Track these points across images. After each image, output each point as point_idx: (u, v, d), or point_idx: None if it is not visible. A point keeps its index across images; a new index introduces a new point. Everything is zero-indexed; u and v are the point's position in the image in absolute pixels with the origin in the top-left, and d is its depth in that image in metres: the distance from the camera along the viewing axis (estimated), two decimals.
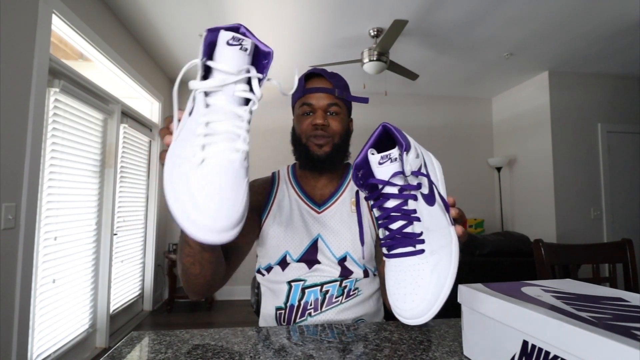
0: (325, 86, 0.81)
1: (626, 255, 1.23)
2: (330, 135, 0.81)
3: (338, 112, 0.82)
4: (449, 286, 0.45)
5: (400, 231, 0.48)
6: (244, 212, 0.40)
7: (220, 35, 0.41)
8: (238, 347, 0.54)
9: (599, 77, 3.41)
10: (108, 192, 2.32)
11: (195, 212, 0.37)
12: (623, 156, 3.39)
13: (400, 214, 0.48)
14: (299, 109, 0.83)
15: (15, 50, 1.45)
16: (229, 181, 0.39)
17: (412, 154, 0.48)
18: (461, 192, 4.06)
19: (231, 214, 0.38)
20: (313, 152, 0.81)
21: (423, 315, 0.44)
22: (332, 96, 0.81)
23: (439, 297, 0.44)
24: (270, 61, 0.43)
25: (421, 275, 0.45)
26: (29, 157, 1.52)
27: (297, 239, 0.80)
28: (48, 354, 1.73)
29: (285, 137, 0.91)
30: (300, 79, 0.84)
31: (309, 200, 0.85)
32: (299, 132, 0.84)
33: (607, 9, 2.30)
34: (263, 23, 2.51)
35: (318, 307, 0.76)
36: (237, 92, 0.42)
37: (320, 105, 0.80)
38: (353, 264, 0.79)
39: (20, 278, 1.48)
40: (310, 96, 0.81)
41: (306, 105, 0.81)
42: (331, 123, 0.81)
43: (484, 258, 1.93)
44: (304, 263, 0.78)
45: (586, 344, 0.32)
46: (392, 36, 2.31)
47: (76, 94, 1.90)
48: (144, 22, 2.50)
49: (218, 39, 0.41)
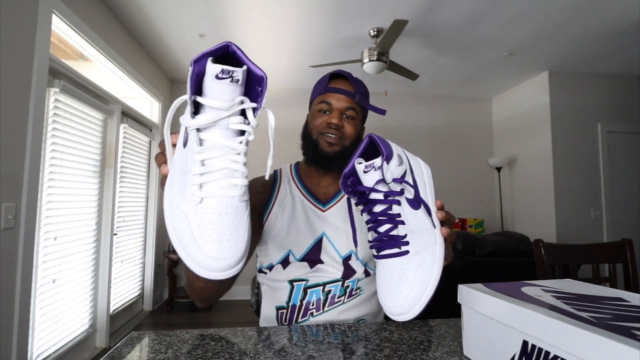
0: (348, 89, 0.82)
1: (626, 255, 1.23)
2: (343, 137, 0.81)
3: (354, 117, 0.82)
4: (433, 284, 0.47)
5: (386, 234, 0.51)
6: (246, 247, 0.39)
7: (208, 68, 0.38)
8: (238, 347, 0.54)
9: (599, 77, 3.41)
10: (108, 192, 2.32)
11: (197, 253, 0.36)
12: (623, 156, 3.39)
13: (386, 217, 0.51)
14: (317, 105, 0.83)
15: (15, 50, 1.45)
16: (229, 219, 0.38)
17: (393, 162, 0.52)
18: (461, 192, 4.06)
19: (234, 253, 0.37)
20: (322, 148, 0.81)
21: (408, 312, 0.46)
22: (351, 100, 0.81)
23: (423, 295, 0.47)
24: (265, 87, 0.41)
25: (406, 275, 0.48)
26: (29, 157, 1.52)
27: (300, 237, 0.80)
28: (48, 354, 1.73)
29: (287, 137, 0.91)
30: (324, 76, 0.85)
31: (313, 198, 0.84)
32: (311, 127, 0.84)
33: (607, 9, 2.30)
34: (263, 23, 2.51)
35: (320, 307, 0.76)
36: (232, 125, 0.40)
37: (339, 107, 0.81)
38: (357, 263, 0.79)
39: (20, 278, 1.48)
40: (330, 95, 0.82)
41: (325, 103, 0.82)
42: (346, 125, 0.81)
43: (484, 258, 1.93)
44: (306, 262, 0.78)
45: (586, 344, 0.32)
46: (392, 36, 2.31)
47: (76, 94, 1.90)
48: (144, 22, 2.50)
49: (206, 71, 0.38)
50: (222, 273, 0.37)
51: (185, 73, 3.45)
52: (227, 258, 0.37)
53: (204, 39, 2.74)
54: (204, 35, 2.69)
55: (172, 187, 0.41)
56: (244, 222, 0.40)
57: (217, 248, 0.37)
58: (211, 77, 0.38)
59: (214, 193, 0.39)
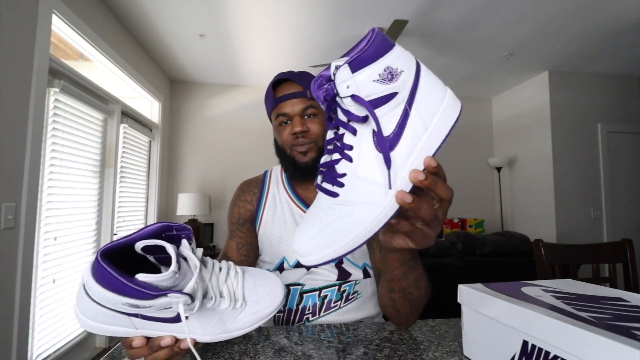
0: (296, 90, 0.77)
1: (626, 255, 1.23)
2: (313, 140, 0.77)
3: (316, 114, 0.77)
4: (347, 246, 0.37)
5: (326, 164, 0.41)
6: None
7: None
8: (238, 347, 0.54)
9: (599, 77, 3.41)
10: (108, 192, 2.32)
11: None
12: (623, 156, 3.39)
13: (333, 146, 0.40)
14: (276, 120, 0.80)
15: (15, 50, 1.45)
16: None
17: (369, 71, 0.36)
18: (461, 192, 4.06)
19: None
20: (299, 161, 0.78)
21: (305, 256, 0.39)
22: (305, 99, 0.76)
23: (328, 249, 0.37)
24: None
25: (322, 217, 0.39)
26: (29, 157, 1.52)
27: (291, 244, 0.79)
28: (48, 354, 1.73)
29: None
30: (268, 89, 0.80)
31: (302, 203, 0.83)
32: (281, 143, 0.80)
33: (607, 9, 2.30)
34: (263, 23, 2.51)
35: (316, 312, 0.75)
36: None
37: (296, 112, 0.76)
38: (350, 266, 0.78)
39: (20, 278, 1.48)
40: (282, 105, 0.77)
41: (281, 115, 0.77)
42: (311, 127, 0.77)
43: (484, 258, 1.93)
44: (301, 267, 0.78)
45: (586, 344, 0.32)
46: (392, 36, 2.31)
47: (76, 94, 1.90)
48: (144, 22, 2.50)
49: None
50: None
51: (185, 73, 3.46)
52: (281, 289, 0.49)
53: (204, 39, 2.74)
54: (204, 35, 2.69)
55: (212, 335, 0.45)
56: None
57: (276, 287, 0.49)
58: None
59: (241, 292, 0.46)
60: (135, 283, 0.36)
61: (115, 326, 0.41)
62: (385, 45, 0.37)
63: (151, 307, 0.38)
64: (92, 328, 0.41)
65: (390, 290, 0.59)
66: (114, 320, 0.40)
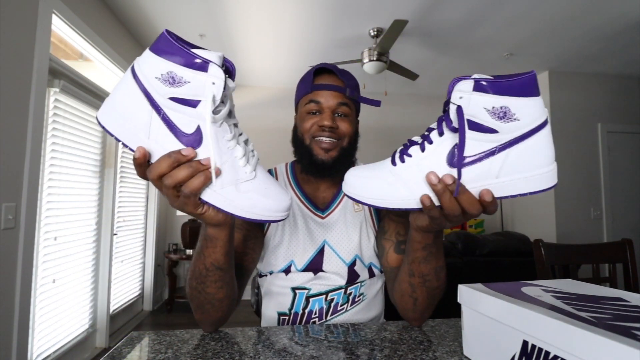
0: (337, 84, 0.74)
1: (626, 255, 1.23)
2: (339, 138, 0.74)
3: (347, 114, 0.75)
4: (373, 201, 0.48)
5: (411, 141, 0.48)
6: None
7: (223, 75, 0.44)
8: (238, 347, 0.54)
9: (599, 77, 3.41)
10: (108, 192, 2.32)
11: (273, 204, 0.47)
12: (623, 156, 3.39)
13: (426, 131, 0.47)
14: (305, 106, 0.75)
15: (15, 50, 1.44)
16: (270, 177, 0.51)
17: (486, 99, 0.38)
18: None
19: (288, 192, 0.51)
20: (318, 155, 0.73)
21: (348, 183, 0.51)
22: (342, 95, 0.73)
23: (364, 198, 0.49)
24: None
25: (378, 171, 0.49)
26: (29, 157, 1.51)
27: (300, 247, 0.76)
28: (48, 354, 1.73)
29: (287, 137, 0.86)
30: (308, 74, 0.77)
31: (312, 205, 0.80)
32: (302, 131, 0.76)
33: (607, 9, 2.30)
34: (263, 23, 2.51)
35: (323, 316, 0.74)
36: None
37: (329, 105, 0.73)
38: (361, 266, 0.76)
39: (20, 278, 1.48)
40: (318, 93, 0.73)
41: (313, 102, 0.73)
42: (340, 125, 0.73)
43: (484, 258, 1.93)
44: (308, 271, 0.76)
45: (586, 344, 0.32)
46: (392, 36, 2.31)
47: (76, 94, 1.90)
48: (144, 22, 2.50)
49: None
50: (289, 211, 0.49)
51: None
52: (289, 197, 0.49)
53: (204, 39, 2.74)
54: (204, 35, 2.69)
55: (221, 185, 0.44)
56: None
57: (285, 193, 0.48)
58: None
59: (255, 163, 0.47)
60: (190, 45, 0.43)
61: (132, 121, 0.41)
62: (525, 89, 0.38)
63: (189, 84, 0.40)
64: (106, 115, 0.42)
65: (410, 274, 0.59)
66: (134, 114, 0.41)
